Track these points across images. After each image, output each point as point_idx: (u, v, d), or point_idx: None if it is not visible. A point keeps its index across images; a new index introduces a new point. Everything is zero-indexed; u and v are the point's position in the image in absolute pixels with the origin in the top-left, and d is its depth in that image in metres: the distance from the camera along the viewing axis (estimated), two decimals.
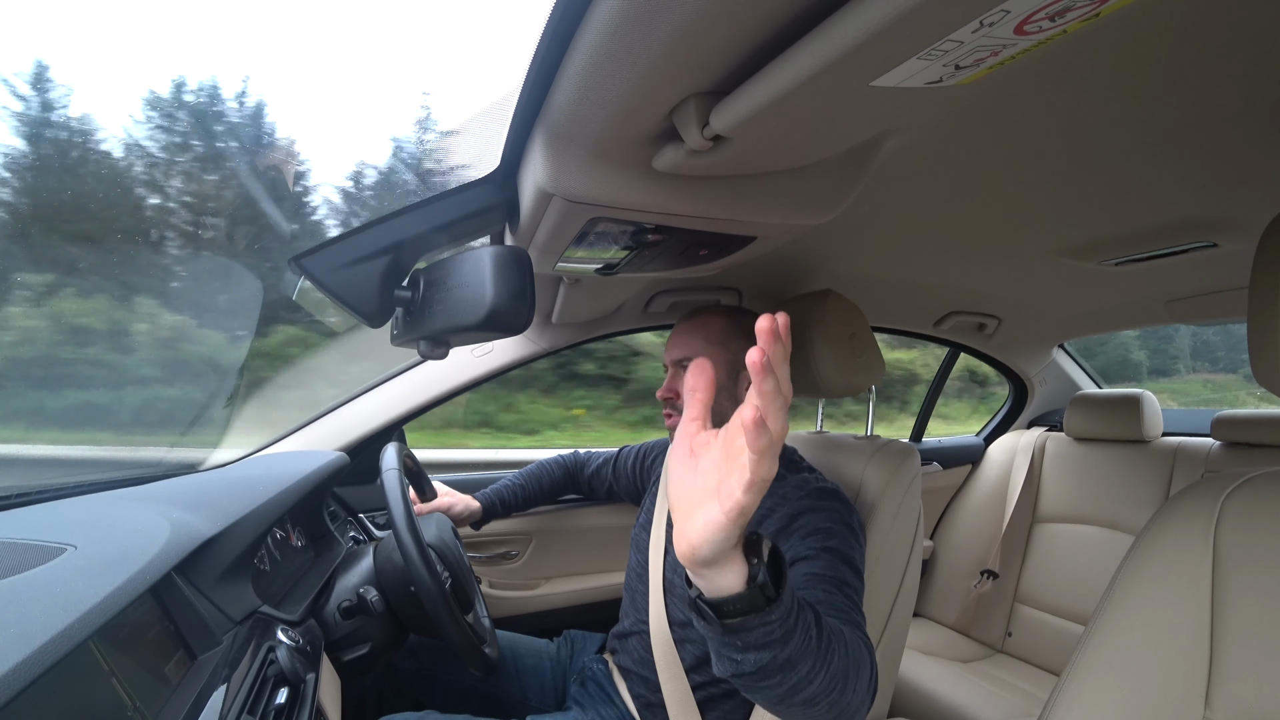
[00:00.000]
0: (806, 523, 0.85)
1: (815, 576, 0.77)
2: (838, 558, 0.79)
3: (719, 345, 1.00)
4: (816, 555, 0.79)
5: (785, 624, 0.49)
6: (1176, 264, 1.15)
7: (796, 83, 0.43)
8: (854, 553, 0.83)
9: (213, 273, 1.84)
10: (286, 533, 0.96)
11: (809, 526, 0.84)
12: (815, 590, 0.75)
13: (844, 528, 0.84)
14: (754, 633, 0.48)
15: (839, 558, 0.79)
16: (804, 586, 0.77)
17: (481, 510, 1.22)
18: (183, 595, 0.63)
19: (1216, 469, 1.60)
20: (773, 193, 0.69)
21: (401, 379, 1.32)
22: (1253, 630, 0.51)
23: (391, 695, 1.06)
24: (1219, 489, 0.57)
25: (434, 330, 0.70)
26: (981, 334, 1.79)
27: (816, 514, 0.86)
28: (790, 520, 0.86)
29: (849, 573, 0.79)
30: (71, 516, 0.71)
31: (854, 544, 0.85)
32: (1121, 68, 0.55)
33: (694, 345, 1.00)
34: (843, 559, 0.80)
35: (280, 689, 0.64)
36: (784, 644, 0.49)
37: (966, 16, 0.35)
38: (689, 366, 0.50)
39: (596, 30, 0.43)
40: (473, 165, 0.76)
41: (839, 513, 0.87)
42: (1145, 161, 0.75)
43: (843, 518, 0.86)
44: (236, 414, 1.35)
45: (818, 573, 0.77)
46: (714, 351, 1.00)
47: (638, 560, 1.09)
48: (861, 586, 0.82)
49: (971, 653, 1.81)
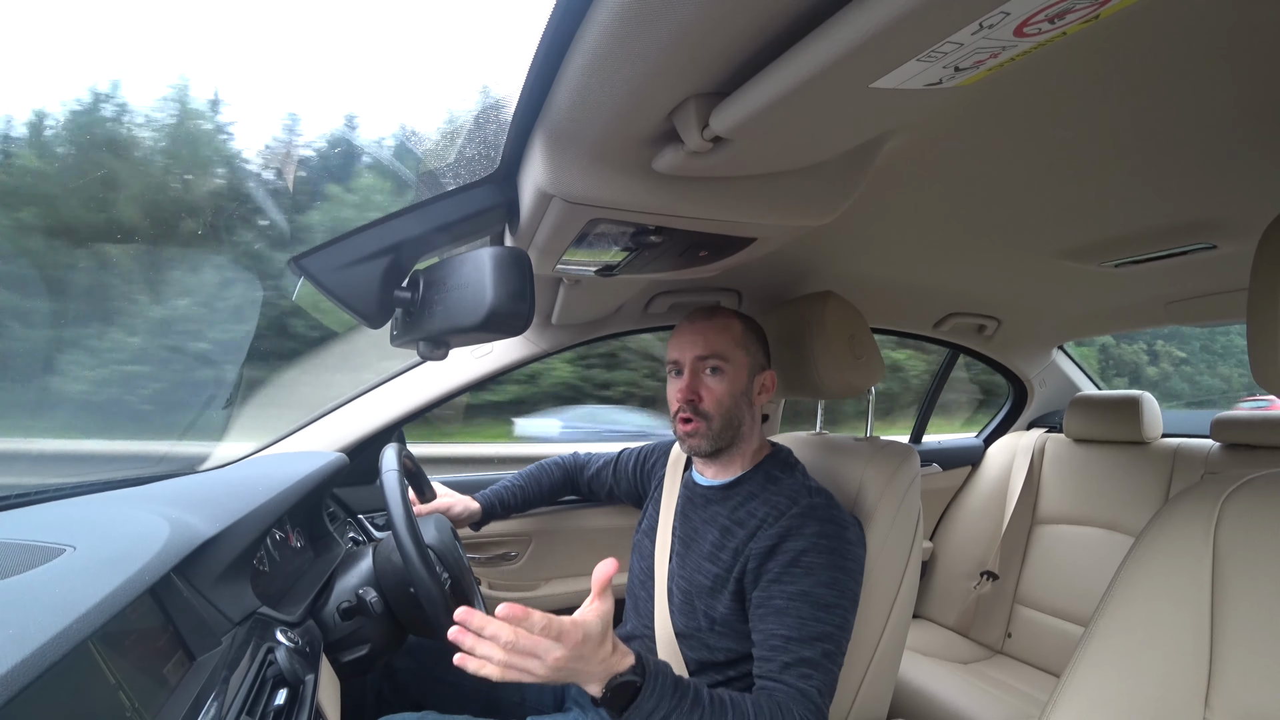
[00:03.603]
0: (792, 548, 0.86)
1: (784, 617, 0.83)
2: (808, 601, 0.83)
3: (743, 347, 0.99)
4: (788, 603, 0.84)
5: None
6: (1176, 266, 1.15)
7: (796, 84, 0.43)
8: (838, 575, 0.86)
9: (212, 273, 1.84)
10: (286, 533, 0.96)
11: (792, 552, 0.86)
12: (782, 626, 0.83)
13: (828, 554, 0.86)
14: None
15: (810, 601, 0.83)
16: (773, 625, 0.83)
17: (481, 511, 1.22)
18: (182, 596, 0.63)
19: (1216, 470, 1.60)
20: (772, 194, 0.69)
21: (401, 380, 1.32)
22: (1252, 631, 0.51)
23: (390, 696, 1.06)
24: (1218, 490, 0.57)
25: (434, 331, 0.70)
26: (981, 335, 1.79)
27: (802, 538, 0.87)
28: (780, 540, 0.87)
29: (822, 610, 0.83)
30: (71, 517, 0.71)
31: (840, 565, 0.86)
32: (1121, 70, 0.55)
33: (724, 344, 0.97)
34: (814, 598, 0.83)
35: (279, 690, 0.63)
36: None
37: (966, 18, 0.35)
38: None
39: (596, 31, 0.43)
40: (472, 166, 0.76)
41: (827, 536, 0.87)
42: (1145, 163, 0.75)
43: (830, 542, 0.87)
44: (235, 414, 1.35)
45: (788, 616, 0.83)
46: (739, 354, 0.98)
47: (641, 567, 1.09)
48: (845, 606, 0.85)
49: (971, 654, 1.81)
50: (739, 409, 0.98)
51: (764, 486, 0.97)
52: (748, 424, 1.00)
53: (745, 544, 0.90)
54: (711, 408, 0.96)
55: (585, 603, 0.69)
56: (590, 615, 0.68)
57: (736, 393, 0.97)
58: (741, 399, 0.98)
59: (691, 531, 1.01)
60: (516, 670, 0.65)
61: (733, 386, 0.97)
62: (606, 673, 0.69)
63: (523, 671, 0.65)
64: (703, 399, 0.97)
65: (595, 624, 0.67)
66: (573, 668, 0.66)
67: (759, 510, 0.93)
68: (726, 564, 0.92)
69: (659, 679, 0.71)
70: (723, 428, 0.97)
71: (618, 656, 0.70)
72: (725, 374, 0.97)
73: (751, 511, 0.94)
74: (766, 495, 0.95)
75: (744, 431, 1.00)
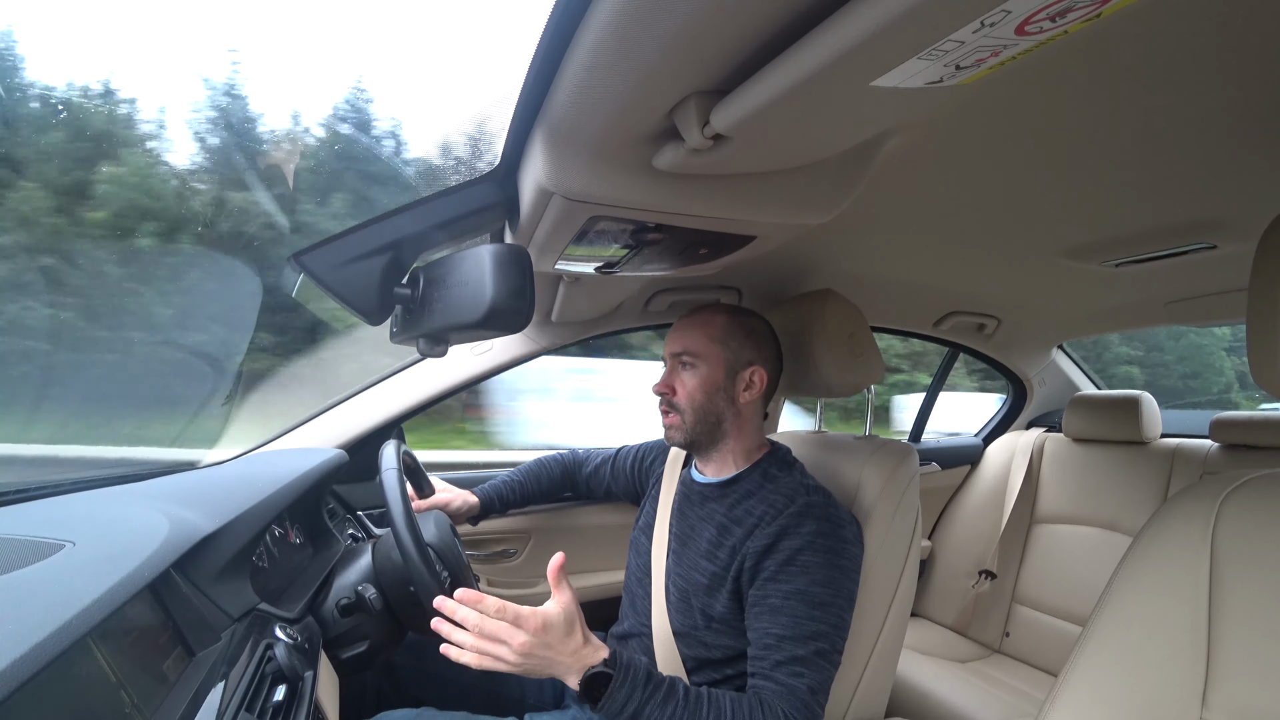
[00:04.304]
0: (788, 547, 0.86)
1: (778, 615, 0.84)
2: (803, 600, 0.84)
3: (720, 343, 0.99)
4: (783, 601, 0.84)
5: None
6: (1176, 265, 1.15)
7: (797, 82, 0.43)
8: (834, 574, 0.86)
9: (211, 270, 1.84)
10: (285, 530, 0.96)
11: (789, 551, 0.86)
12: (776, 625, 0.83)
13: (824, 553, 0.86)
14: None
15: (805, 600, 0.84)
16: (768, 623, 0.84)
17: (479, 506, 1.22)
18: (181, 592, 0.63)
19: (1215, 470, 1.60)
20: (773, 192, 0.69)
21: (401, 376, 1.32)
22: (1250, 631, 0.51)
23: (389, 693, 1.06)
24: (1217, 490, 0.57)
25: (433, 328, 0.70)
26: (981, 334, 1.79)
27: (799, 537, 0.87)
28: (776, 539, 0.87)
29: (817, 609, 0.83)
30: (70, 513, 0.71)
31: (837, 564, 0.87)
32: (1122, 69, 0.55)
33: (697, 341, 0.99)
34: (810, 596, 0.84)
35: (278, 686, 0.63)
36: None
37: (967, 17, 0.35)
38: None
39: (597, 29, 0.43)
40: (472, 162, 0.76)
41: (824, 535, 0.87)
42: (1145, 162, 0.75)
43: (826, 541, 0.87)
44: (235, 410, 1.35)
45: (782, 614, 0.84)
46: (714, 350, 0.99)
47: (638, 564, 1.09)
48: (841, 605, 0.86)
49: (969, 653, 1.82)
50: (714, 404, 0.98)
51: (761, 484, 0.97)
52: (730, 420, 1.00)
53: (742, 542, 0.90)
54: (684, 401, 0.98)
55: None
56: (549, 605, 0.74)
57: (710, 389, 0.98)
58: (717, 395, 0.98)
59: (688, 529, 1.01)
60: (490, 657, 0.71)
61: (705, 382, 0.98)
62: (580, 665, 0.73)
63: (495, 659, 0.71)
64: (675, 392, 0.99)
65: (557, 613, 0.73)
66: (542, 655, 0.71)
67: (756, 508, 0.93)
68: (724, 562, 0.92)
69: (630, 671, 0.74)
70: (696, 421, 0.98)
71: (590, 649, 0.74)
72: (697, 369, 0.98)
73: (749, 510, 0.94)
74: (764, 493, 0.95)
75: (726, 428, 1.00)
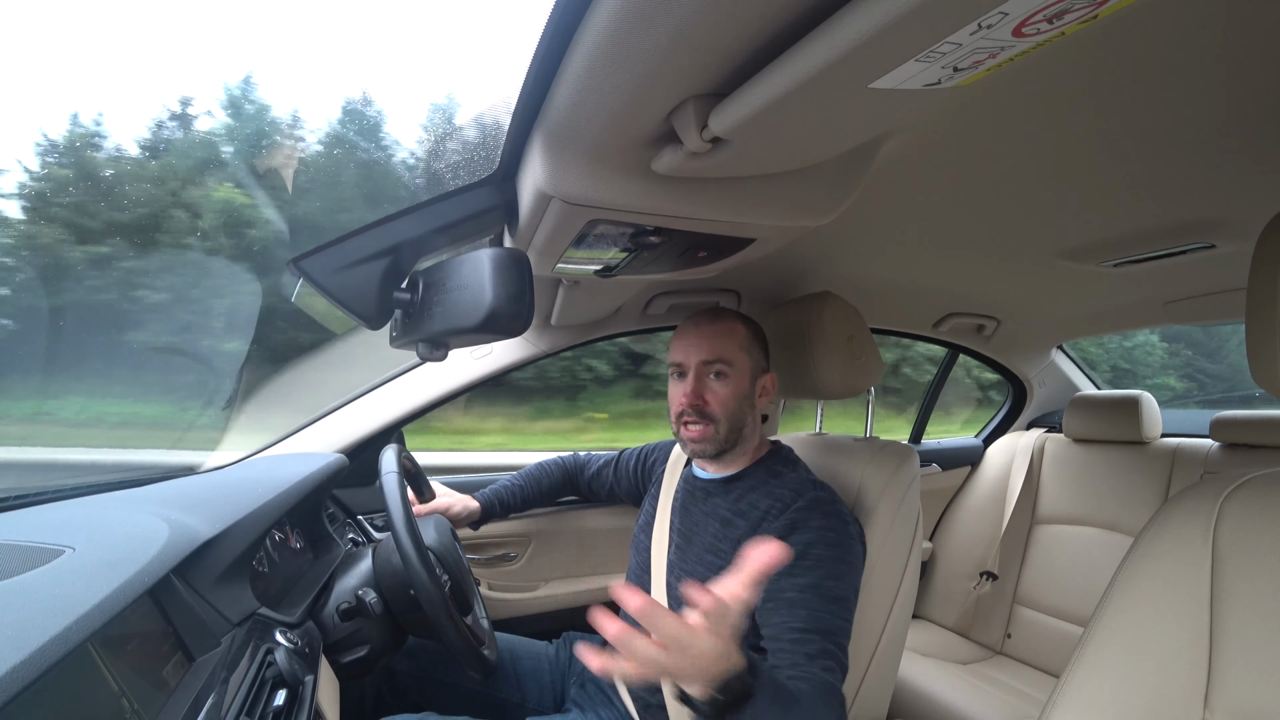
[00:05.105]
0: (800, 541, 0.86)
1: (796, 609, 0.81)
2: (818, 594, 0.82)
3: (746, 351, 0.99)
4: (799, 595, 0.82)
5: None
6: (1175, 265, 1.15)
7: (795, 85, 0.43)
8: (844, 569, 0.85)
9: (211, 275, 1.84)
10: (285, 535, 0.96)
11: (800, 545, 0.86)
12: (795, 618, 0.80)
13: (834, 548, 0.86)
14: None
15: (820, 594, 0.82)
16: (786, 617, 0.81)
17: (480, 510, 1.22)
18: (181, 597, 0.63)
19: (1215, 470, 1.60)
20: (771, 195, 0.69)
21: (400, 381, 1.32)
22: (1251, 631, 0.51)
23: (390, 697, 1.06)
24: (1218, 490, 0.57)
25: (433, 332, 0.70)
26: (980, 335, 1.79)
27: (809, 530, 0.87)
28: (786, 533, 0.87)
29: (832, 604, 0.82)
30: (70, 518, 0.71)
31: (845, 559, 0.86)
32: (1119, 69, 0.55)
33: (729, 349, 0.98)
34: (824, 591, 0.82)
35: (278, 691, 0.63)
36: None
37: (965, 19, 0.35)
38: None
39: (595, 32, 0.43)
40: (471, 167, 0.76)
41: (833, 530, 0.87)
42: (1143, 163, 0.75)
43: (835, 536, 0.87)
44: (235, 416, 1.35)
45: (800, 608, 0.81)
46: (743, 358, 0.98)
47: (638, 562, 1.09)
48: (850, 601, 0.85)
49: (970, 654, 1.81)
50: (743, 412, 0.98)
51: (765, 480, 0.97)
52: (750, 425, 1.01)
53: (748, 535, 0.90)
54: (718, 411, 0.97)
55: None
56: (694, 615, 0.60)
57: (740, 396, 0.98)
58: (745, 402, 0.98)
59: (691, 525, 1.01)
60: (669, 670, 0.56)
61: (737, 390, 0.97)
62: (718, 672, 0.59)
63: (661, 669, 0.56)
64: (708, 403, 0.97)
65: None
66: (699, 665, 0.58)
67: (761, 502, 0.93)
68: (729, 556, 0.92)
69: (766, 683, 0.63)
70: (729, 431, 0.97)
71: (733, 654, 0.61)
72: (729, 378, 0.97)
73: (754, 503, 0.94)
74: (769, 488, 0.95)
75: (746, 433, 1.00)
